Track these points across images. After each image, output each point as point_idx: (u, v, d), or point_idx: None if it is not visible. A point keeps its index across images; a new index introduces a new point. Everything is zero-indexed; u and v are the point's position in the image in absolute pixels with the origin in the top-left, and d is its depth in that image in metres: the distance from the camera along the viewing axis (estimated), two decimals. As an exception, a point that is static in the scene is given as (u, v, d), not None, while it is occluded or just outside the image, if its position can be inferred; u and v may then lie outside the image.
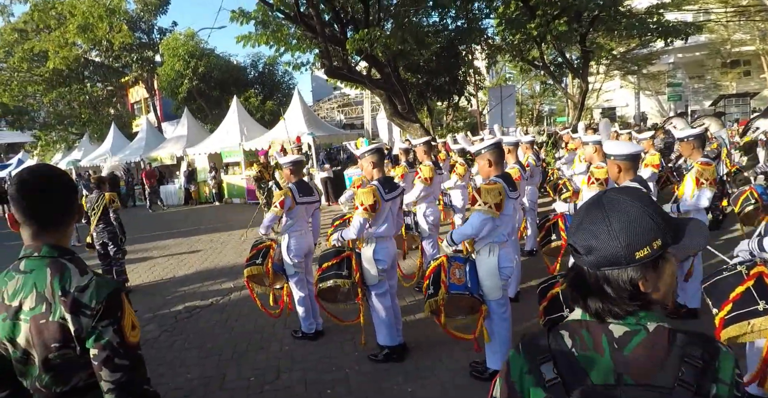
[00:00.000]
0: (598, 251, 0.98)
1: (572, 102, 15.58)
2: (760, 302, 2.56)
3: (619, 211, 0.98)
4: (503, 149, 3.42)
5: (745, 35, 23.44)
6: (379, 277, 3.93)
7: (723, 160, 6.70)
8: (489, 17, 14.81)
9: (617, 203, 0.99)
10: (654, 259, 0.96)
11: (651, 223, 0.96)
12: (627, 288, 0.97)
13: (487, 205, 3.15)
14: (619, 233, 0.95)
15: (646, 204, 0.99)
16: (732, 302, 2.67)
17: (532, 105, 31.31)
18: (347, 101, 33.50)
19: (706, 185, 3.86)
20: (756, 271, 2.65)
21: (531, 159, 6.02)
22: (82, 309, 1.30)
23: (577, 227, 1.03)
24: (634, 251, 0.95)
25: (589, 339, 1.00)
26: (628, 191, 1.04)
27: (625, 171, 2.87)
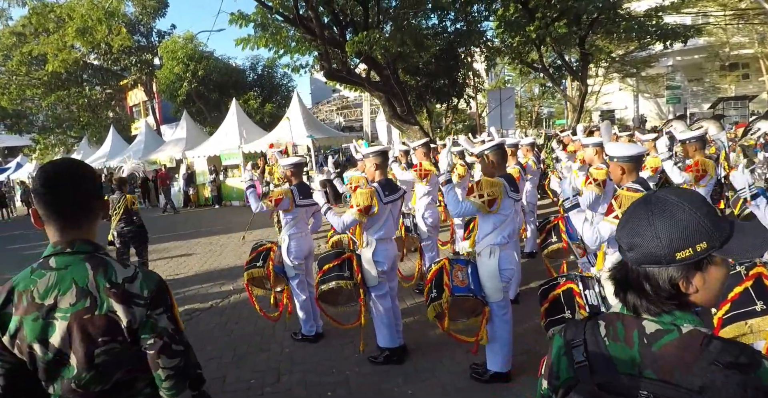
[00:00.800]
0: (639, 249, 1.00)
1: (571, 104, 15.62)
2: (758, 302, 2.57)
3: (664, 211, 0.99)
4: (506, 150, 3.43)
5: (744, 38, 23.56)
6: (379, 279, 3.92)
7: (721, 162, 6.70)
8: (488, 20, 14.90)
9: (664, 203, 1.00)
10: (698, 261, 0.97)
11: (697, 225, 0.96)
12: (666, 287, 0.99)
13: (481, 199, 3.15)
14: (661, 232, 0.97)
15: (695, 206, 0.98)
16: (730, 302, 2.68)
17: (531, 107, 31.41)
18: (346, 103, 33.60)
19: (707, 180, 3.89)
20: (755, 272, 2.66)
21: (531, 161, 6.03)
22: (134, 299, 1.30)
23: (624, 223, 1.05)
24: (675, 252, 0.96)
25: (621, 331, 1.04)
26: (679, 191, 1.04)
27: (628, 173, 2.87)
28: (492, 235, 3.32)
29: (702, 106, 25.58)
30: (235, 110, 17.04)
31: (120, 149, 21.51)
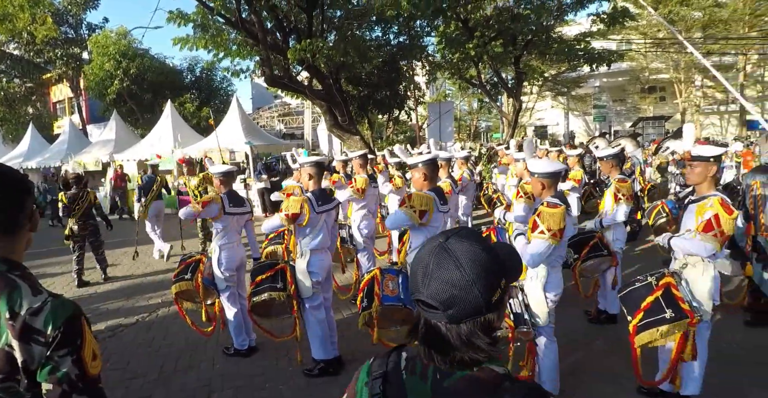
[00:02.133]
0: (459, 304, 0.92)
1: (506, 120, 16.32)
2: (667, 310, 2.81)
3: (469, 256, 0.94)
4: (438, 164, 3.53)
5: (661, 64, 25.70)
6: (313, 290, 3.89)
7: (637, 177, 7.27)
8: (430, 35, 15.28)
9: (464, 247, 0.95)
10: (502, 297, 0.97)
11: (496, 263, 0.96)
12: (489, 334, 0.96)
13: (413, 209, 3.22)
14: (477, 279, 0.92)
15: (487, 244, 0.98)
16: (643, 311, 2.92)
17: (470, 121, 32.48)
18: (288, 110, 33.12)
19: (623, 201, 4.21)
20: (664, 282, 2.91)
21: (465, 174, 6.23)
22: (34, 336, 1.11)
23: (427, 279, 0.95)
24: (491, 296, 0.94)
25: (419, 366, 1.01)
26: (468, 233, 1.00)
27: (548, 188, 3.05)
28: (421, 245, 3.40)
29: (625, 124, 27.58)
30: (170, 112, 16.35)
31: (39, 149, 20.00)
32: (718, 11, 23.47)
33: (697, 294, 2.94)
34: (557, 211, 2.86)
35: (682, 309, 2.80)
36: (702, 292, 2.94)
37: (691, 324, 2.77)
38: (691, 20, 23.51)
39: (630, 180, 4.52)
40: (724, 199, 2.83)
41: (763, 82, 26.78)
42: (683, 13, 23.15)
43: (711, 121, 27.29)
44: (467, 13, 13.56)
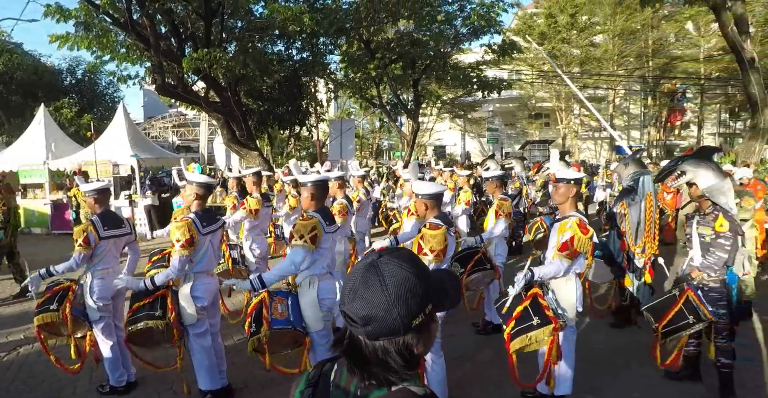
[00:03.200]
0: (377, 323, 0.94)
1: (405, 140, 16.89)
2: (534, 318, 3.06)
3: (396, 278, 0.94)
4: (328, 185, 3.52)
5: (546, 94, 28.40)
6: (198, 316, 3.64)
7: (524, 196, 7.87)
8: (333, 53, 15.45)
9: (393, 268, 0.96)
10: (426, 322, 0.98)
11: (424, 288, 0.96)
12: (405, 355, 0.96)
13: (303, 240, 3.17)
14: (397, 302, 0.93)
15: (419, 268, 0.99)
16: (515, 319, 3.14)
17: (372, 139, 33.14)
18: (184, 121, 31.26)
19: (502, 217, 4.53)
20: (531, 292, 3.17)
21: (361, 193, 6.28)
22: None
23: (353, 293, 0.97)
24: (412, 320, 0.94)
25: (344, 378, 1.03)
26: (402, 254, 1.01)
27: (431, 209, 3.18)
28: (312, 267, 3.36)
29: (515, 146, 29.91)
30: (43, 117, 14.56)
31: None
32: (592, 50, 26.58)
33: (563, 302, 3.23)
34: (438, 232, 2.98)
35: (547, 315, 3.07)
36: (567, 300, 3.24)
37: (555, 329, 3.04)
38: (571, 56, 26.32)
39: (510, 200, 4.86)
40: (581, 219, 3.16)
41: (629, 113, 30.61)
42: (564, 50, 25.86)
43: (587, 145, 30.53)
44: (370, 34, 13.96)
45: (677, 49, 27.73)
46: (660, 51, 27.27)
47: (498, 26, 13.90)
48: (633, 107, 30.37)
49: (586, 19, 26.36)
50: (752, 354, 4.35)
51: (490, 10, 13.63)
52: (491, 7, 13.63)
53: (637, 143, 28.15)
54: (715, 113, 29.22)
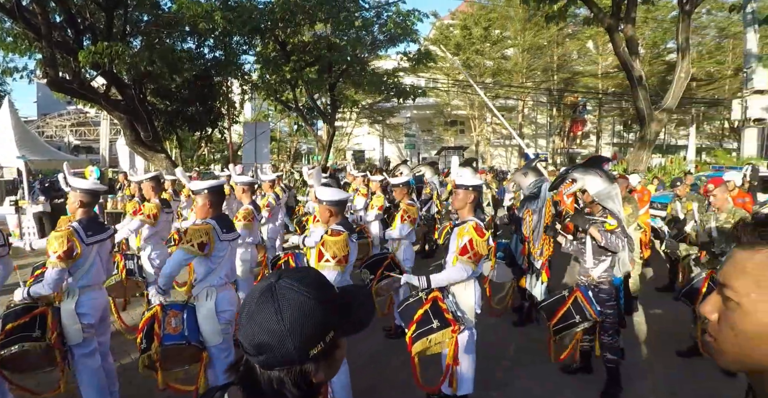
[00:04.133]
0: (271, 352, 0.88)
1: (321, 144, 16.78)
2: (434, 321, 3.13)
3: (293, 303, 0.88)
4: (223, 191, 3.37)
5: (461, 102, 29.52)
6: (84, 334, 3.32)
7: (434, 201, 8.09)
8: (247, 53, 15.01)
9: (290, 293, 0.89)
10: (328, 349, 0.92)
11: (324, 315, 0.90)
12: (302, 385, 0.91)
13: (189, 243, 3.04)
14: (293, 330, 0.87)
15: (321, 292, 0.92)
16: (416, 322, 3.19)
17: (290, 142, 32.59)
18: (84, 119, 28.67)
19: (407, 221, 4.62)
20: (432, 296, 3.24)
21: (272, 198, 6.11)
22: None
23: (247, 318, 0.90)
24: (308, 349, 0.89)
25: None
26: (303, 276, 0.95)
27: (334, 215, 3.15)
28: (208, 278, 3.20)
29: (431, 152, 30.78)
30: None
31: None
32: (504, 63, 28.12)
33: (462, 305, 3.33)
34: (340, 238, 2.96)
35: (446, 318, 3.14)
36: (466, 303, 3.34)
37: (454, 331, 3.11)
38: (484, 67, 27.67)
39: (416, 205, 4.98)
40: (478, 223, 3.29)
41: (536, 123, 32.70)
42: (478, 61, 27.12)
43: (498, 152, 32.17)
44: (286, 36, 13.73)
45: (579, 66, 30.24)
46: (564, 66, 29.52)
47: (414, 35, 14.27)
48: (540, 117, 32.54)
49: (499, 33, 27.89)
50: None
51: (406, 18, 13.96)
52: (407, 16, 13.97)
53: (543, 151, 30.16)
54: (611, 125, 32.16)
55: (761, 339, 0.73)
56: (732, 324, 0.76)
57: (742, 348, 0.75)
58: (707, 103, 28.37)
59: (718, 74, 27.72)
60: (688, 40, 13.29)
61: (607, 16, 12.75)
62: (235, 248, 3.43)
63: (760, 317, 0.73)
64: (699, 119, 31.57)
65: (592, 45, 28.01)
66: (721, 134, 30.37)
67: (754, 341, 0.74)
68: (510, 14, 25.98)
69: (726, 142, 28.46)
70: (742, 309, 0.75)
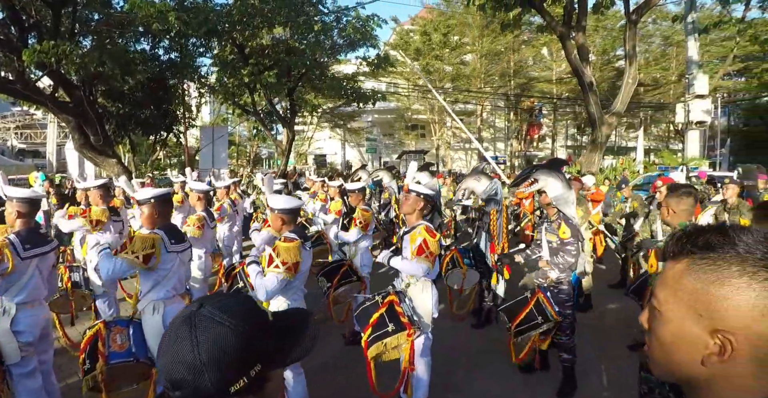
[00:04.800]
0: (187, 387, 0.81)
1: (280, 148, 16.56)
2: (390, 324, 3.13)
3: (211, 335, 0.81)
4: (171, 200, 3.26)
5: (421, 107, 29.82)
6: (22, 353, 3.13)
7: (393, 205, 8.11)
8: (204, 56, 14.67)
9: (209, 324, 0.82)
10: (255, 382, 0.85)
11: (248, 347, 0.83)
12: None
13: (134, 254, 2.93)
14: (210, 364, 0.80)
15: (245, 320, 0.85)
16: (371, 326, 3.19)
17: (250, 147, 32.03)
18: (30, 121, 27.28)
19: (359, 226, 4.62)
20: (388, 300, 3.25)
21: (226, 204, 5.97)
22: None
23: (165, 350, 0.83)
24: (229, 385, 0.82)
25: None
26: (227, 304, 0.87)
27: (287, 223, 3.11)
28: (155, 290, 3.08)
29: (392, 156, 30.94)
30: None
31: None
32: (463, 68, 28.61)
33: (419, 309, 3.34)
34: (292, 245, 2.93)
35: (402, 322, 3.15)
36: (423, 307, 3.35)
37: (409, 335, 3.12)
38: (444, 72, 28.08)
39: (382, 209, 4.99)
40: (428, 226, 3.34)
41: (495, 127, 33.42)
42: (437, 66, 27.50)
43: (459, 156, 32.67)
44: (244, 39, 13.49)
45: (534, 71, 31.16)
46: (520, 72, 30.33)
47: (373, 40, 14.30)
48: (498, 121, 33.28)
49: (458, 39, 28.39)
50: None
51: (365, 24, 13.99)
52: (367, 21, 13.99)
53: (502, 154, 30.88)
54: (566, 128, 33.27)
55: (678, 348, 0.75)
56: (656, 333, 0.78)
57: (665, 357, 0.77)
58: (654, 107, 29.82)
59: (663, 80, 29.14)
60: (635, 48, 13.93)
61: (559, 24, 13.18)
62: (186, 259, 3.32)
63: (675, 326, 0.75)
64: (647, 122, 33.18)
65: (547, 52, 28.92)
66: (667, 135, 31.93)
67: (672, 349, 0.76)
68: (468, 21, 26.47)
69: (672, 143, 29.93)
70: (663, 318, 0.77)
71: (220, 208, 5.72)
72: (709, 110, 18.86)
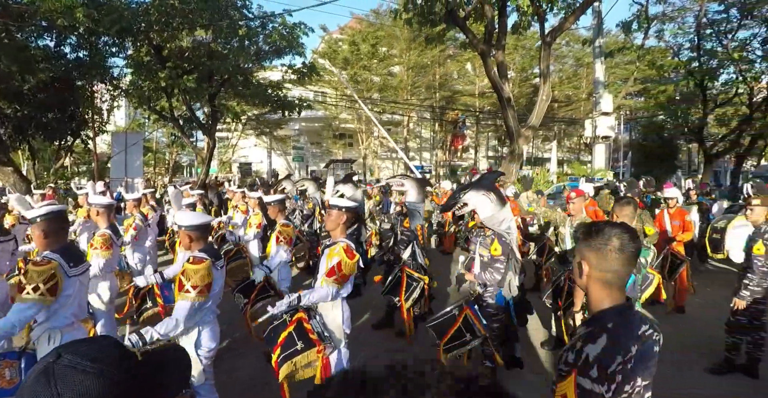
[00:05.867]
0: None
1: (200, 157, 15.82)
2: (298, 342, 3.06)
3: (74, 385, 0.73)
4: (65, 217, 2.94)
5: (349, 116, 29.86)
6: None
7: (317, 216, 7.99)
8: (117, 56, 13.71)
9: (70, 373, 0.74)
10: None
11: (117, 392, 0.76)
12: None
13: (37, 292, 2.57)
14: None
15: (111, 365, 0.77)
16: (280, 346, 3.09)
17: (169, 154, 30.39)
18: None
19: (283, 243, 4.47)
20: (296, 317, 3.18)
21: (138, 219, 5.56)
22: None
23: None
24: None
25: None
26: (88, 350, 0.79)
27: (196, 241, 2.94)
28: (52, 318, 2.76)
29: (320, 165, 30.62)
30: None
31: None
32: (390, 79, 29.05)
33: (330, 325, 3.29)
34: (202, 266, 2.77)
35: (311, 339, 3.08)
36: (334, 322, 3.30)
37: (318, 351, 3.06)
38: (371, 83, 28.34)
39: (292, 225, 4.84)
40: (348, 245, 3.29)
41: (421, 137, 34.18)
42: (365, 76, 27.72)
43: (386, 165, 33.02)
44: (162, 40, 12.76)
45: (459, 85, 32.33)
46: (445, 85, 31.34)
47: (299, 48, 14.11)
48: (424, 132, 34.10)
49: (386, 51, 28.82)
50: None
51: (292, 31, 13.79)
52: (293, 28, 13.80)
53: (428, 163, 31.65)
54: (488, 140, 34.78)
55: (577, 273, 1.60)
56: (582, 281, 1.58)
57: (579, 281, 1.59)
58: (566, 121, 31.99)
59: (575, 97, 31.41)
60: (549, 68, 14.85)
61: (480, 42, 13.75)
62: (86, 280, 3.03)
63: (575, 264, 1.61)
64: (560, 136, 35.55)
65: (471, 67, 30.12)
66: (578, 148, 34.33)
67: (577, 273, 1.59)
68: (396, 33, 26.95)
69: (583, 155, 32.18)
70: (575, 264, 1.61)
71: (136, 226, 5.32)
72: (613, 126, 20.55)
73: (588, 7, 14.00)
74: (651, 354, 1.47)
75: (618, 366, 1.34)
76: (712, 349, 4.69)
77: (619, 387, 1.34)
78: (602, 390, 1.32)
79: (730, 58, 19.67)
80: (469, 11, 13.75)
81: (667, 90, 25.27)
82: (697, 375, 4.41)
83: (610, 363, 1.33)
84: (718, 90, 22.13)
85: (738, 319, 4.30)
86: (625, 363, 1.35)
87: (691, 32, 20.35)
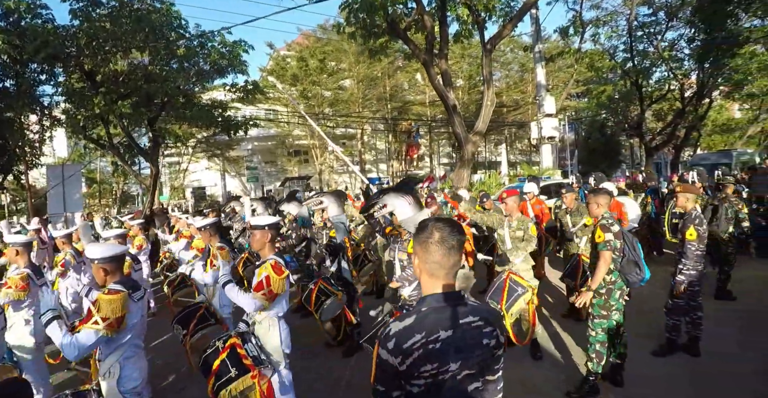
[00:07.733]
0: None
1: (144, 185, 15.20)
2: (232, 370, 2.90)
3: None
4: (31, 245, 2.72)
5: (302, 132, 29.62)
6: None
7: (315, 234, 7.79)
8: (47, 84, 13.05)
9: None
10: None
11: None
12: None
13: None
14: None
15: None
16: (214, 375, 2.93)
17: (116, 184, 29.17)
18: None
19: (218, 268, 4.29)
20: (229, 343, 3.03)
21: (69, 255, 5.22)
22: None
23: None
24: None
25: None
26: None
27: (112, 274, 2.76)
28: None
29: (275, 184, 30.15)
30: None
31: None
32: (341, 93, 29.08)
33: (268, 347, 3.17)
34: (116, 297, 2.59)
35: (244, 365, 2.95)
36: (272, 344, 3.19)
37: (253, 377, 2.92)
38: (322, 98, 28.28)
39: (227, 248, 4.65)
40: (277, 261, 3.21)
41: (376, 149, 34.29)
42: (315, 91, 27.63)
43: (343, 179, 32.88)
44: (94, 65, 12.25)
45: (410, 95, 32.72)
46: (396, 96, 31.63)
47: (241, 66, 13.89)
48: (379, 143, 34.24)
49: (334, 65, 28.85)
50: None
51: (232, 48, 13.57)
52: (233, 46, 13.58)
53: (384, 174, 31.73)
54: (442, 147, 35.26)
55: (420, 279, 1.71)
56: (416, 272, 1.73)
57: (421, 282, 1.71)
58: (516, 125, 32.86)
59: (522, 102, 32.32)
60: (491, 74, 15.23)
61: (422, 52, 13.96)
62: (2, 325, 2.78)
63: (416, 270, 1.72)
64: (511, 139, 36.47)
65: (420, 77, 30.54)
66: (529, 150, 35.31)
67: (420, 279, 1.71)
68: (344, 47, 27.02)
69: (533, 156, 33.09)
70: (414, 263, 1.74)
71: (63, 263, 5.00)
72: (558, 126, 21.22)
73: (524, 14, 14.47)
74: (473, 343, 1.57)
75: (415, 344, 1.49)
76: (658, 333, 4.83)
77: (417, 362, 1.49)
78: (395, 362, 1.48)
79: (661, 57, 20.89)
80: (410, 22, 13.96)
81: (607, 90, 26.45)
82: (646, 358, 4.56)
83: (406, 339, 1.50)
84: (652, 87, 23.41)
85: (676, 302, 4.47)
86: (427, 344, 1.50)
87: (624, 35, 21.50)
